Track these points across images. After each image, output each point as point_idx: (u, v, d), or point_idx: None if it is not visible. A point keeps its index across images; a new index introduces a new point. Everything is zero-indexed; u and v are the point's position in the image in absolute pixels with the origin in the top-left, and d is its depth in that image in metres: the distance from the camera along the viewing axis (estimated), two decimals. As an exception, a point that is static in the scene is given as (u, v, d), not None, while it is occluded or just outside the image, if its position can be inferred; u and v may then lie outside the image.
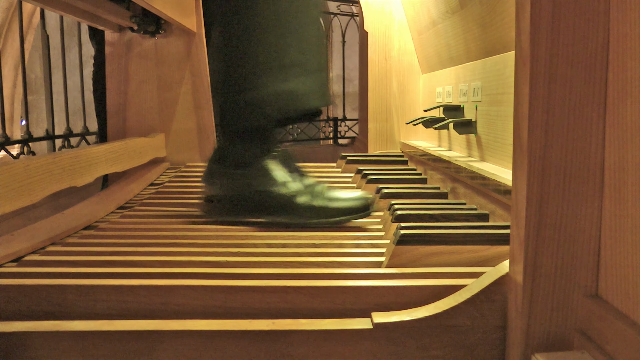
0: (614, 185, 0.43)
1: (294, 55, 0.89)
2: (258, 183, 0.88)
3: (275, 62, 0.87)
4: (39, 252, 0.81)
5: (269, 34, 0.88)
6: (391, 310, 0.55)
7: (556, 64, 0.44)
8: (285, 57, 0.88)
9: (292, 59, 0.88)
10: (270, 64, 0.88)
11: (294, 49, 0.89)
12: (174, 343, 0.52)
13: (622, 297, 0.41)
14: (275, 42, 0.87)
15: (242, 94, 0.88)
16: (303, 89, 0.89)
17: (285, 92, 0.88)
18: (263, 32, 0.88)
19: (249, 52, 0.88)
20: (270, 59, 0.88)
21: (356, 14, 3.27)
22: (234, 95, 0.89)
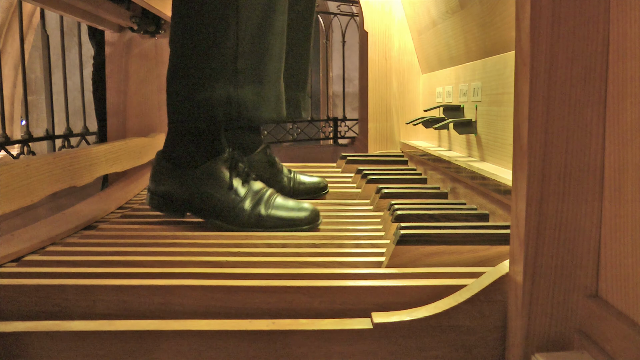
0: (614, 185, 0.43)
1: (251, 62, 0.86)
2: (204, 184, 0.88)
3: (231, 65, 0.85)
4: (39, 252, 0.81)
5: (228, 35, 0.84)
6: (391, 310, 0.55)
7: (556, 64, 0.44)
8: (241, 63, 0.85)
9: (248, 65, 0.86)
10: (226, 66, 0.85)
11: (252, 56, 0.86)
12: (174, 343, 0.52)
13: (622, 297, 0.41)
14: (233, 44, 0.85)
15: (193, 93, 0.86)
16: (252, 98, 0.87)
17: (237, 98, 0.86)
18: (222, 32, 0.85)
19: (205, 51, 0.85)
20: (227, 60, 0.85)
21: (356, 14, 3.27)
22: (185, 93, 0.87)
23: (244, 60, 0.85)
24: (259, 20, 0.86)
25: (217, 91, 0.85)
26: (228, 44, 0.84)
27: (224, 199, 0.87)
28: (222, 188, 0.87)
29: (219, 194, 0.87)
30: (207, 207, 0.88)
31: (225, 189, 0.87)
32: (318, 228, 0.88)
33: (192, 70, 0.87)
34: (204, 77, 0.85)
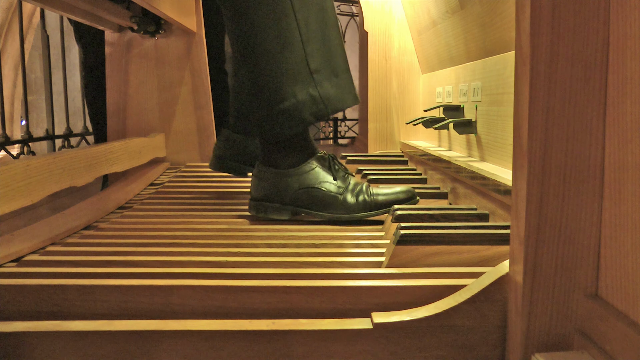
0: (614, 185, 0.43)
1: (321, 59, 0.92)
2: (308, 181, 0.94)
3: (304, 69, 0.91)
4: (39, 252, 0.81)
5: (293, 42, 0.90)
6: (391, 310, 0.55)
7: (556, 64, 0.44)
8: (313, 63, 0.91)
9: (320, 63, 0.92)
10: (300, 71, 0.91)
11: (320, 53, 0.92)
12: (174, 343, 0.52)
13: (622, 297, 0.41)
14: (301, 49, 0.90)
15: (277, 104, 0.92)
16: (334, 92, 0.93)
17: (318, 96, 0.92)
18: (288, 42, 0.90)
19: (276, 65, 0.91)
20: (299, 66, 0.91)
21: (356, 14, 3.27)
22: (269, 107, 0.93)
23: (314, 60, 0.91)
24: (316, 19, 0.92)
25: (299, 96, 0.91)
26: (296, 50, 0.91)
27: (329, 191, 0.93)
28: (326, 182, 0.94)
29: (323, 187, 0.93)
30: (313, 201, 0.94)
31: (329, 182, 0.94)
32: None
33: (270, 85, 0.92)
34: (284, 88, 0.91)
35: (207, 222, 0.95)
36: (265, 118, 0.93)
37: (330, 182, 0.94)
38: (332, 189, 0.93)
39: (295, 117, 0.92)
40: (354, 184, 0.95)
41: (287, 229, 0.89)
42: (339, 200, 0.93)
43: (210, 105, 1.68)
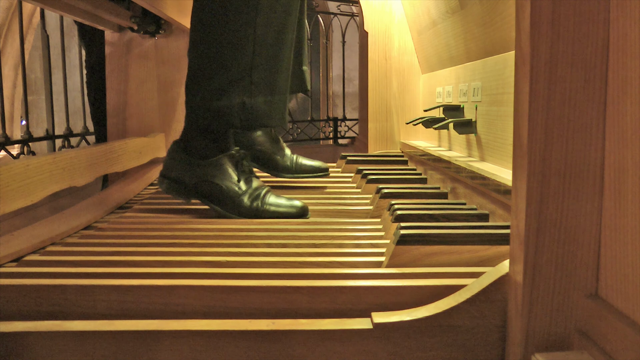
0: (614, 185, 0.43)
1: (264, 75, 0.98)
2: (212, 175, 1.00)
3: (247, 78, 0.96)
4: (39, 252, 0.81)
5: (245, 51, 0.96)
6: (391, 310, 0.55)
7: (556, 64, 0.44)
8: (256, 75, 0.97)
9: (261, 78, 0.98)
10: (242, 78, 0.96)
11: (265, 69, 0.98)
12: (174, 343, 0.52)
13: (622, 297, 0.41)
14: (250, 59, 0.96)
15: (212, 101, 0.97)
16: (264, 108, 0.99)
17: (250, 107, 0.97)
18: (240, 48, 0.95)
19: (223, 63, 0.96)
20: (243, 74, 0.96)
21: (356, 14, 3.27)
22: (204, 99, 0.98)
23: (258, 73, 0.97)
24: (273, 36, 0.97)
25: (233, 100, 0.97)
26: (245, 58, 0.96)
27: (228, 190, 0.99)
28: (228, 180, 1.00)
29: (224, 184, 0.99)
30: (212, 194, 1.00)
31: (230, 181, 0.99)
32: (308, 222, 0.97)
33: (211, 79, 0.97)
34: (222, 87, 0.96)
35: (207, 222, 0.95)
36: (197, 107, 0.99)
37: (233, 182, 1.00)
38: (231, 188, 0.99)
39: (223, 117, 0.97)
40: (254, 188, 1.00)
41: (287, 228, 0.89)
42: (235, 201, 0.99)
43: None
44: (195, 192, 1.01)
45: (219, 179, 0.99)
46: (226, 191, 0.99)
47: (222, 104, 0.97)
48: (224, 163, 1.00)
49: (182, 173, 1.01)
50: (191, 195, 1.02)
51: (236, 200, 0.98)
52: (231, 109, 0.97)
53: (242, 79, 0.96)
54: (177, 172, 1.02)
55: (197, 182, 1.00)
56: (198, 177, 1.00)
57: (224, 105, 0.97)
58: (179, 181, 1.02)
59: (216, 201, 1.00)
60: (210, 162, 1.00)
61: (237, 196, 0.98)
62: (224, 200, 0.99)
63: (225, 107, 0.97)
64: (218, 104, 0.97)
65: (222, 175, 0.99)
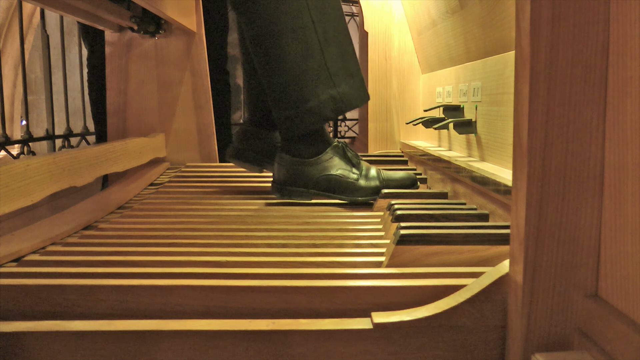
0: (614, 185, 0.43)
1: (337, 62, 1.04)
2: (327, 168, 1.07)
3: (324, 72, 1.03)
4: (39, 252, 0.81)
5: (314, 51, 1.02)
6: (391, 310, 0.55)
7: (556, 64, 0.44)
8: (332, 66, 1.03)
9: (337, 67, 1.04)
10: (320, 75, 1.03)
11: (337, 58, 1.04)
12: (174, 343, 0.52)
13: (622, 297, 0.41)
14: (320, 56, 1.03)
15: (302, 105, 1.04)
16: (350, 91, 1.06)
17: (337, 96, 1.04)
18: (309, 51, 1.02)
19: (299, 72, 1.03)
20: (320, 70, 1.03)
21: (356, 14, 3.27)
22: (295, 107, 1.05)
23: (332, 64, 1.04)
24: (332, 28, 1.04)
25: (321, 97, 1.04)
26: (316, 57, 1.03)
27: (346, 177, 1.07)
28: (342, 169, 1.07)
29: (340, 174, 1.07)
30: (332, 187, 1.08)
31: (344, 169, 1.07)
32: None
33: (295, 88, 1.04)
34: (306, 91, 1.04)
35: (207, 222, 0.95)
36: (292, 116, 1.05)
37: (346, 169, 1.07)
38: (348, 175, 1.07)
39: (318, 114, 1.04)
40: (365, 169, 1.08)
41: (287, 228, 0.89)
42: (355, 185, 1.06)
43: (210, 105, 1.68)
44: (316, 189, 1.07)
45: (334, 170, 1.06)
46: (344, 179, 1.06)
47: (314, 104, 1.03)
48: (331, 156, 1.07)
49: (296, 176, 1.08)
50: (312, 193, 1.08)
51: (356, 185, 1.06)
52: (322, 106, 1.03)
53: (320, 75, 1.03)
54: (290, 176, 1.08)
55: (315, 180, 1.07)
56: (314, 175, 1.07)
57: (314, 106, 1.03)
58: (296, 184, 1.08)
59: (338, 191, 1.07)
60: (320, 159, 1.07)
61: (355, 180, 1.06)
62: (345, 188, 1.06)
63: (316, 107, 1.03)
64: (309, 107, 1.03)
65: (336, 167, 1.07)
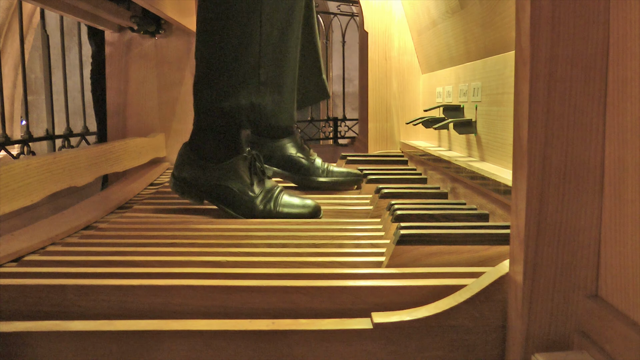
0: (614, 185, 0.43)
1: (271, 74, 0.97)
2: (225, 178, 0.99)
3: (255, 77, 0.96)
4: (39, 252, 0.81)
5: (251, 50, 0.95)
6: (391, 310, 0.55)
7: (556, 64, 0.44)
8: (263, 74, 0.97)
9: (269, 77, 0.97)
10: (250, 78, 0.96)
11: (273, 68, 0.97)
12: (174, 343, 0.52)
13: (622, 297, 0.41)
14: (257, 58, 0.96)
15: (220, 102, 0.97)
16: (272, 107, 0.99)
17: (259, 106, 0.97)
18: (246, 46, 0.95)
19: (230, 63, 0.96)
20: (251, 73, 0.96)
21: (356, 14, 3.27)
22: (212, 100, 0.98)
23: (265, 72, 0.97)
24: (279, 35, 0.97)
25: (241, 100, 0.96)
26: (252, 57, 0.95)
27: (241, 193, 0.99)
28: (241, 184, 0.99)
29: (237, 188, 0.99)
30: (225, 198, 1.00)
31: (243, 184, 0.99)
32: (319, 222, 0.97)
33: (219, 79, 0.97)
34: (230, 87, 0.96)
35: (207, 222, 0.95)
36: (205, 108, 0.99)
37: (245, 184, 0.99)
38: (244, 191, 0.99)
39: (231, 117, 0.97)
40: (267, 190, 1.00)
41: (287, 228, 0.89)
42: (248, 204, 0.98)
43: (210, 105, 1.68)
44: (208, 194, 1.01)
45: (233, 183, 0.99)
46: (239, 195, 0.99)
47: (231, 104, 0.96)
48: (237, 166, 0.99)
49: (194, 175, 1.01)
50: (203, 197, 1.01)
51: (249, 204, 0.98)
52: (240, 110, 0.96)
53: (249, 79, 0.96)
54: (189, 173, 1.02)
55: (210, 185, 1.00)
56: (211, 180, 1.00)
57: (232, 106, 0.96)
58: (191, 183, 1.02)
59: (229, 205, 0.99)
60: (223, 166, 0.99)
61: (250, 200, 0.98)
62: (237, 204, 0.99)
63: (234, 107, 0.96)
64: (226, 105, 0.96)
65: (235, 179, 0.99)
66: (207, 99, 0.98)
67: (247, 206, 0.98)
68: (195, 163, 1.01)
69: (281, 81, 0.99)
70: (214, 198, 1.00)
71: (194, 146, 1.02)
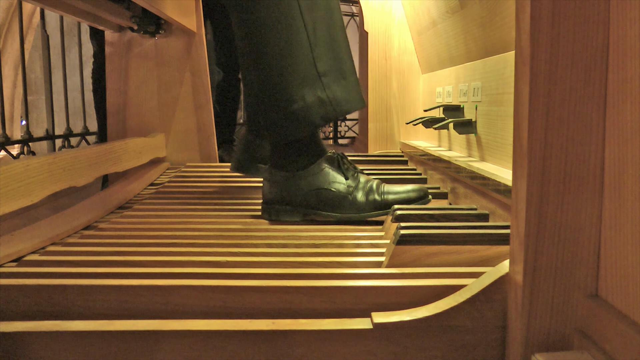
0: (614, 185, 0.43)
1: (329, 62, 0.92)
2: (317, 182, 0.94)
3: (312, 72, 0.91)
4: (39, 252, 0.81)
5: (301, 45, 0.90)
6: (391, 310, 0.55)
7: (556, 64, 0.44)
8: (321, 65, 0.91)
9: (327, 66, 0.92)
10: (308, 74, 0.91)
11: (327, 56, 0.92)
12: (174, 343, 0.52)
13: (622, 297, 0.41)
14: (308, 51, 0.91)
15: (286, 107, 0.92)
16: (342, 94, 0.93)
17: (327, 99, 0.92)
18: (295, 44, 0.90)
19: (284, 68, 0.91)
20: (307, 69, 0.91)
21: (356, 14, 3.27)
22: (278, 110, 0.92)
23: (322, 63, 0.91)
24: (323, 21, 0.92)
25: (308, 98, 0.91)
26: (304, 53, 0.91)
27: (339, 191, 0.93)
28: (336, 182, 0.93)
29: (333, 187, 0.93)
30: (323, 201, 0.94)
31: (338, 182, 0.93)
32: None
33: (278, 88, 0.92)
34: (292, 91, 0.91)
35: (207, 222, 0.95)
36: (274, 121, 0.93)
37: (340, 182, 0.93)
38: (341, 189, 0.93)
39: (304, 119, 0.91)
40: (364, 182, 0.94)
41: (287, 228, 0.89)
42: (349, 200, 0.92)
43: (210, 105, 1.68)
44: (304, 205, 0.94)
45: (326, 184, 0.93)
46: (337, 193, 0.93)
47: (299, 106, 0.91)
48: (324, 167, 0.94)
49: (285, 192, 0.95)
50: (302, 210, 0.95)
51: (350, 198, 0.92)
52: (309, 109, 0.91)
53: (307, 74, 0.91)
54: (279, 193, 0.95)
55: (304, 194, 0.94)
56: (303, 189, 0.94)
57: (300, 108, 0.91)
58: (284, 202, 0.95)
59: (329, 207, 0.93)
60: (310, 171, 0.94)
61: (349, 194, 0.92)
62: (338, 203, 0.93)
63: (302, 109, 0.91)
64: (294, 108, 0.91)
65: (328, 179, 0.93)
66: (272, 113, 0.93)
67: (348, 201, 0.92)
68: (282, 179, 0.95)
69: (340, 64, 0.94)
70: (312, 206, 0.94)
71: (276, 165, 0.96)
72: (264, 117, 0.95)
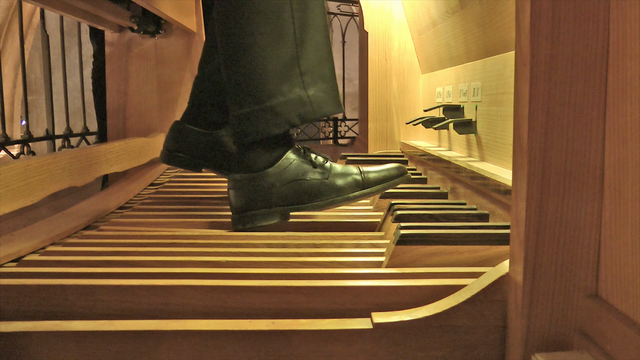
0: (614, 185, 0.43)
1: (312, 62, 0.90)
2: (287, 176, 0.89)
3: (295, 69, 0.89)
4: (39, 252, 0.81)
5: (287, 40, 0.88)
6: (391, 310, 0.55)
7: (556, 64, 0.44)
8: (304, 64, 0.89)
9: (310, 66, 0.90)
10: (290, 70, 0.89)
11: (311, 56, 0.90)
12: (174, 343, 0.52)
13: (622, 297, 0.41)
14: (293, 48, 0.89)
15: (265, 101, 0.88)
16: (321, 96, 0.91)
17: (307, 98, 0.89)
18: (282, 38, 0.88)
19: (267, 61, 0.88)
20: (290, 65, 0.89)
21: (356, 14, 3.27)
22: (256, 103, 0.89)
23: (305, 62, 0.89)
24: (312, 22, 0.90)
25: (288, 95, 0.88)
26: (289, 48, 0.88)
27: (315, 179, 0.89)
28: (309, 172, 0.89)
29: (307, 177, 0.89)
30: (301, 193, 0.89)
31: (312, 171, 0.90)
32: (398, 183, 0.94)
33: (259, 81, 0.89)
34: (272, 85, 0.88)
35: (207, 222, 0.95)
36: (249, 115, 0.89)
37: (313, 170, 0.89)
38: (316, 176, 0.89)
39: (281, 116, 0.88)
40: (337, 167, 0.92)
41: (287, 229, 0.89)
42: (327, 184, 0.88)
43: (210, 105, 1.68)
44: (282, 203, 0.89)
45: (300, 175, 0.88)
46: (313, 181, 0.88)
47: (278, 102, 0.87)
48: (293, 159, 0.89)
49: (256, 195, 0.88)
50: (279, 210, 0.89)
51: (327, 182, 0.88)
52: (287, 106, 0.88)
53: (291, 70, 0.88)
54: (249, 197, 0.89)
55: (278, 192, 0.88)
56: (276, 185, 0.88)
57: (279, 104, 0.87)
58: (257, 205, 0.88)
59: (308, 197, 0.88)
60: (279, 166, 0.89)
61: (326, 179, 0.88)
62: (317, 191, 0.88)
63: (281, 105, 0.87)
64: (272, 105, 0.88)
65: (300, 170, 0.88)
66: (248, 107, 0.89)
67: (326, 186, 0.88)
68: (251, 181, 0.89)
69: (322, 68, 0.92)
70: (290, 202, 0.88)
71: (240, 168, 0.91)
72: (238, 113, 0.90)
